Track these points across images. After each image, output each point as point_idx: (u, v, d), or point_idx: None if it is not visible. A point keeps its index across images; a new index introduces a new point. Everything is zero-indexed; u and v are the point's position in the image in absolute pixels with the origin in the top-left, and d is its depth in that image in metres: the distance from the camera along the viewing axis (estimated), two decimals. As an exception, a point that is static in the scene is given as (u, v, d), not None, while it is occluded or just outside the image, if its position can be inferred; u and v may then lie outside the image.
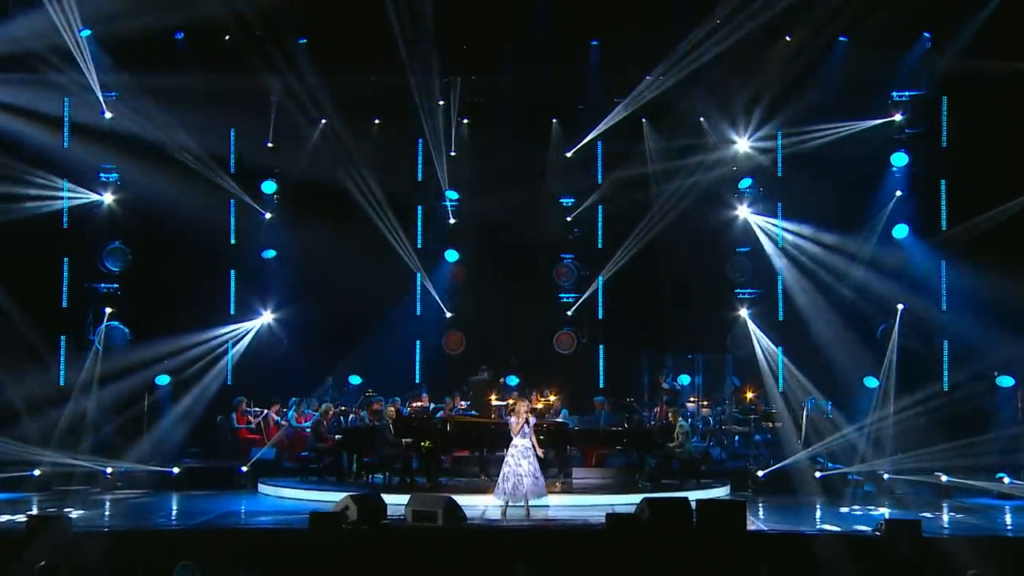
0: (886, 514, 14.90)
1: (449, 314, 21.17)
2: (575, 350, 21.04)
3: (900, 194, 19.41)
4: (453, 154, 20.64)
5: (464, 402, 19.26)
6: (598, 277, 20.82)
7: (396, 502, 13.97)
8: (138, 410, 18.59)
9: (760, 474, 17.61)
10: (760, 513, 15.34)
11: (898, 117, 19.41)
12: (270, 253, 20.59)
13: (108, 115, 18.81)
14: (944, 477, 16.84)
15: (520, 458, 14.21)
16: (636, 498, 13.92)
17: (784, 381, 19.53)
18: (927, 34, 18.70)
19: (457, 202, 21.12)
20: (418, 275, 20.99)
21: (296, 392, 19.68)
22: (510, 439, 14.45)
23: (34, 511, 14.47)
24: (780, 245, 20.01)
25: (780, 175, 20.15)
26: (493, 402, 18.59)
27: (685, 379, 21.28)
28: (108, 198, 19.53)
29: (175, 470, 17.92)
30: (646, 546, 12.27)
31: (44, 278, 19.14)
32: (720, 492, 16.71)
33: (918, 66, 19.08)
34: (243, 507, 15.97)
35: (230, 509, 15.57)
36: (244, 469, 17.99)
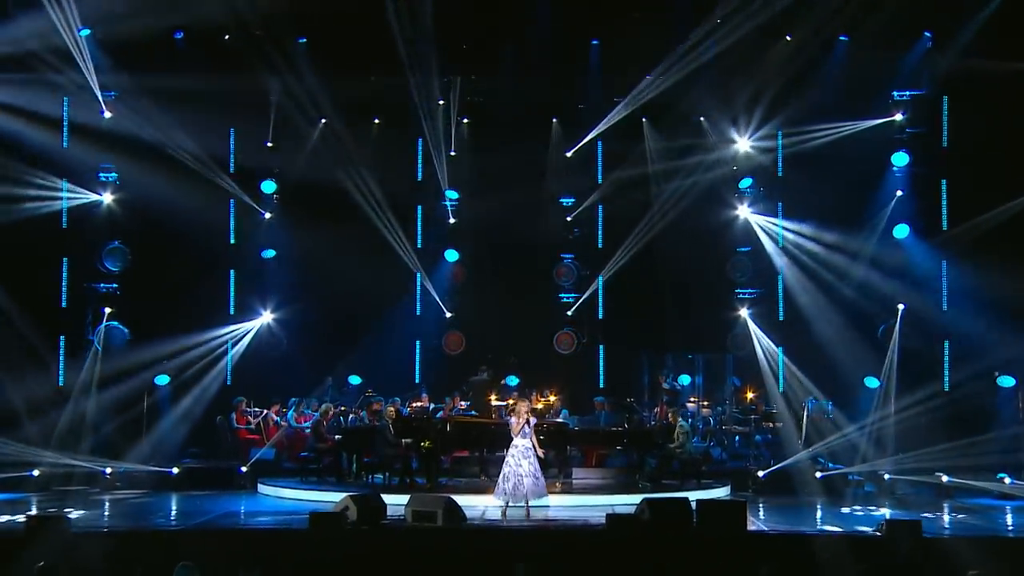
0: (887, 514, 14.88)
1: (449, 314, 21.15)
2: (575, 350, 21.02)
3: (901, 194, 19.41)
4: (453, 154, 20.63)
5: (464, 402, 19.23)
6: (598, 277, 20.80)
7: (396, 502, 13.95)
8: (138, 411, 18.57)
9: (760, 474, 17.58)
10: (760, 513, 15.31)
11: (899, 117, 19.41)
12: (270, 253, 20.57)
13: (107, 115, 18.80)
14: (945, 477, 16.82)
15: (520, 458, 14.20)
16: (636, 498, 13.93)
17: (784, 381, 19.51)
18: (928, 33, 18.71)
19: (457, 202, 21.10)
20: (418, 275, 20.97)
21: (296, 392, 19.64)
22: (510, 439, 14.45)
23: (33, 511, 14.46)
24: (780, 245, 20.00)
25: (780, 175, 20.16)
26: (493, 402, 18.56)
27: (685, 379, 21.25)
28: (107, 198, 19.52)
29: (175, 470, 17.89)
30: (646, 546, 12.25)
31: (44, 278, 19.12)
32: (720, 492, 16.68)
33: (919, 66, 19.08)
34: (243, 507, 15.95)
35: (230, 509, 15.55)
36: (244, 469, 17.95)
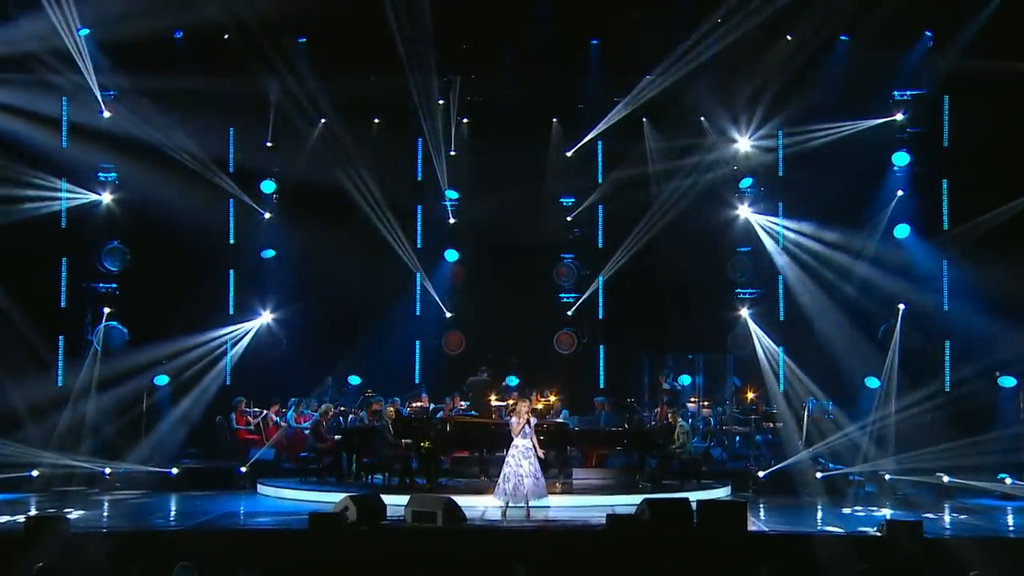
0: (888, 515, 14.85)
1: (449, 314, 21.13)
2: (575, 350, 21.00)
3: (901, 194, 19.39)
4: (453, 154, 20.61)
5: (464, 402, 19.21)
6: (598, 277, 20.79)
7: (396, 503, 13.92)
8: (137, 411, 18.54)
9: (761, 475, 17.56)
10: (761, 514, 15.29)
11: (899, 116, 19.40)
12: (269, 253, 20.55)
13: (106, 114, 18.78)
14: (946, 478, 16.79)
15: (521, 459, 14.19)
16: (636, 499, 13.91)
17: (785, 381, 19.49)
18: (928, 33, 18.69)
19: (457, 202, 21.08)
20: (418, 275, 20.95)
21: (295, 392, 19.61)
22: (510, 439, 14.45)
23: (33, 512, 14.44)
24: (781, 245, 19.97)
25: (781, 174, 20.14)
26: (493, 402, 18.54)
27: (686, 379, 21.24)
28: (106, 198, 19.50)
29: (174, 471, 17.86)
30: (646, 547, 12.24)
31: (43, 278, 19.08)
32: (721, 493, 16.65)
33: (919, 65, 19.07)
34: (242, 508, 15.92)
35: (229, 510, 15.52)
36: (243, 470, 17.92)
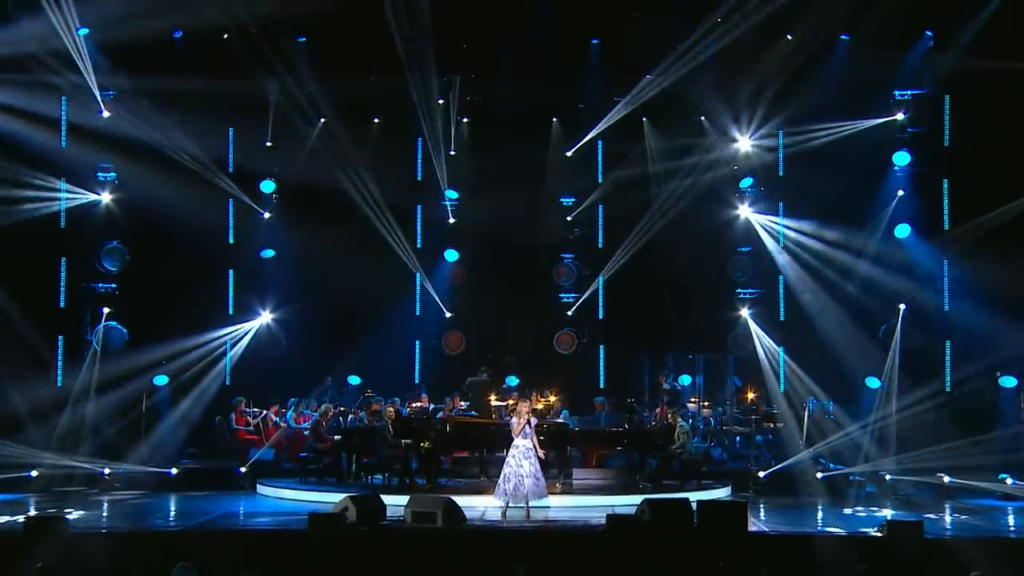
0: (888, 515, 14.84)
1: (449, 314, 21.10)
2: (575, 350, 20.98)
3: (902, 193, 19.38)
4: (453, 154, 20.59)
5: (464, 402, 19.19)
6: (598, 277, 20.77)
7: (395, 503, 13.91)
8: (137, 412, 18.52)
9: (761, 475, 17.54)
10: (761, 514, 15.28)
11: (900, 116, 19.39)
12: (269, 253, 20.54)
13: (106, 114, 18.76)
14: (946, 478, 16.78)
15: (521, 459, 14.18)
16: (637, 499, 13.89)
17: (785, 381, 19.47)
18: (929, 33, 18.68)
19: (457, 202, 21.06)
20: (417, 275, 20.94)
21: (295, 392, 19.59)
22: (510, 440, 14.44)
23: (33, 512, 14.43)
24: (781, 244, 19.95)
25: (781, 174, 20.13)
26: (493, 403, 18.52)
27: (686, 379, 21.22)
28: (106, 198, 19.48)
29: (174, 471, 17.85)
30: (647, 547, 12.23)
31: (42, 278, 19.06)
32: (721, 493, 16.63)
33: (920, 65, 19.06)
34: (242, 508, 15.91)
35: (229, 510, 15.51)
36: (243, 470, 17.90)
